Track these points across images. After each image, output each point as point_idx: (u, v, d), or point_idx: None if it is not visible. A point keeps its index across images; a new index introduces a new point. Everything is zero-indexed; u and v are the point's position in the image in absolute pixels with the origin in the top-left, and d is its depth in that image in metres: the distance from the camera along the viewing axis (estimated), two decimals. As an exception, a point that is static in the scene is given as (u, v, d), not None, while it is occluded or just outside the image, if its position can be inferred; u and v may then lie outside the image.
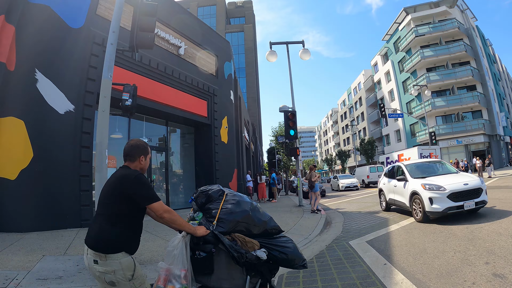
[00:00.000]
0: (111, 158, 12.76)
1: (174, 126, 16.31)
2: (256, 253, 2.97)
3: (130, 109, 6.62)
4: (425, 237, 7.18)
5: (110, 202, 2.73)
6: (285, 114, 14.76)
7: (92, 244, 2.61)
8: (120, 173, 2.85)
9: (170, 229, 8.05)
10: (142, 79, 12.76)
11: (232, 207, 3.17)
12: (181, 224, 2.92)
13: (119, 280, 2.59)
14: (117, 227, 2.66)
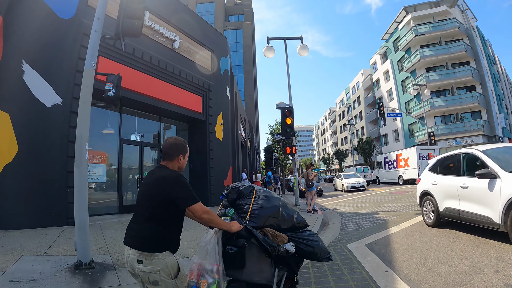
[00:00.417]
0: (101, 154, 12.37)
1: (168, 122, 15.85)
2: (285, 247, 3.06)
3: (113, 101, 6.17)
4: (428, 241, 6.75)
5: (151, 204, 2.72)
6: (282, 111, 14.35)
7: (136, 245, 2.63)
8: (159, 174, 2.81)
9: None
10: (134, 72, 12.35)
11: (263, 203, 3.27)
12: (218, 223, 2.93)
13: (163, 279, 2.61)
14: (161, 227, 2.69)
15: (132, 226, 2.82)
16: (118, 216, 11.75)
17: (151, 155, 14.74)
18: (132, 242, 2.68)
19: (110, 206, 12.50)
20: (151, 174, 2.93)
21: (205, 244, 2.97)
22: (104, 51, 11.04)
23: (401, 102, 49.71)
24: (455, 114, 41.38)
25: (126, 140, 13.33)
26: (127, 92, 11.98)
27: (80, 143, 5.80)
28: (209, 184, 15.53)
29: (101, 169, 12.33)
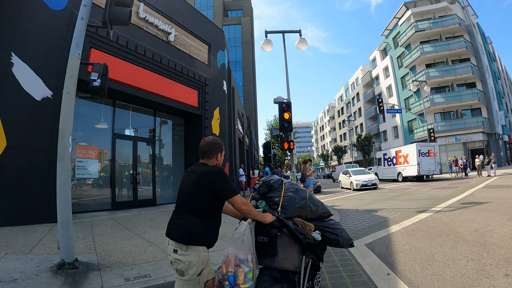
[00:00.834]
0: (94, 149, 12.05)
1: (163, 117, 15.47)
2: (313, 235, 3.29)
3: (99, 91, 5.81)
4: (431, 241, 6.42)
5: (194, 198, 2.87)
6: (280, 105, 13.95)
7: (177, 237, 2.77)
8: (201, 170, 2.98)
9: (151, 227, 7.90)
10: (127, 65, 12.01)
11: (292, 195, 3.47)
12: (254, 214, 3.10)
13: (190, 272, 2.74)
14: (202, 221, 2.85)
15: (173, 220, 2.97)
16: (111, 212, 11.44)
17: (146, 150, 14.36)
18: (172, 234, 2.84)
19: (102, 203, 12.18)
20: (192, 171, 3.09)
21: (239, 235, 3.13)
22: (96, 43, 10.79)
23: (401, 99, 49.39)
24: (455, 111, 41.13)
25: (120, 135, 12.99)
26: (120, 86, 11.70)
27: (63, 136, 5.48)
28: (205, 180, 15.20)
29: (94, 164, 12.01)
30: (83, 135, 12.09)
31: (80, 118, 11.69)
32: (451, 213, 9.47)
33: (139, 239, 7.19)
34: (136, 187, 13.21)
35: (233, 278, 3.00)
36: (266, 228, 3.25)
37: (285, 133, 15.28)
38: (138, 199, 13.25)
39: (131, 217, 10.53)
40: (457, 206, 10.77)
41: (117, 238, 7.18)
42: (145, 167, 14.29)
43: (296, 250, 3.31)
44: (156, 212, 11.65)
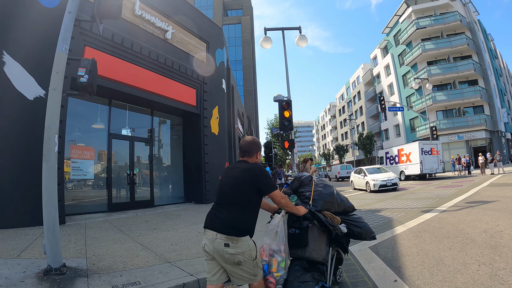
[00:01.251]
0: (89, 150, 11.75)
1: (161, 116, 15.15)
2: (340, 227, 3.62)
3: (87, 88, 5.49)
4: (439, 243, 6.10)
5: (238, 192, 3.03)
6: (280, 103, 13.64)
7: (223, 230, 2.91)
8: (245, 167, 3.17)
9: (146, 229, 7.79)
10: (123, 64, 11.74)
11: (322, 190, 3.86)
12: (291, 207, 3.40)
13: (246, 260, 2.92)
14: (246, 214, 3.03)
15: (216, 213, 3.10)
16: (107, 214, 11.15)
17: (144, 151, 14.02)
18: (218, 227, 2.96)
19: (98, 204, 11.88)
20: (234, 168, 3.28)
21: (273, 227, 3.50)
22: (90, 41, 10.52)
23: (402, 97, 49.04)
24: (457, 109, 40.77)
25: (116, 135, 12.70)
26: (116, 84, 11.45)
27: (49, 135, 5.18)
28: (204, 181, 14.85)
29: (89, 165, 11.72)
30: (78, 135, 11.80)
31: (75, 118, 11.44)
32: (457, 213, 9.16)
33: (132, 242, 6.89)
34: (133, 188, 12.92)
35: (267, 267, 3.39)
36: (298, 221, 3.60)
37: (285, 131, 14.95)
38: (135, 201, 12.95)
39: (127, 219, 10.24)
40: (462, 205, 10.45)
41: (110, 242, 6.90)
42: (142, 168, 13.99)
43: (324, 242, 3.65)
44: (153, 214, 11.35)
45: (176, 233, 7.83)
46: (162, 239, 7.24)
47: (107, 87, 11.19)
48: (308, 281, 3.43)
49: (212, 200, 12.99)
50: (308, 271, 3.54)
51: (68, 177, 10.93)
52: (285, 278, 3.40)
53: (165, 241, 7.04)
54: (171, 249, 6.31)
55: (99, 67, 10.72)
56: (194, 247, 6.46)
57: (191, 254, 5.97)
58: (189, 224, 9.13)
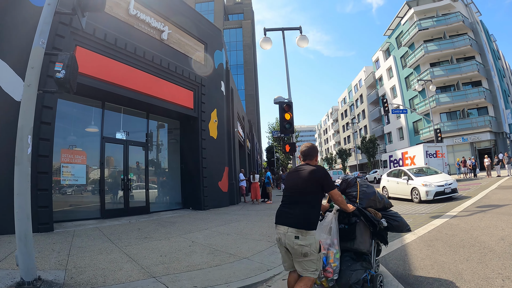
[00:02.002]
0: (81, 154, 11.25)
1: (157, 119, 14.65)
2: (381, 221, 4.15)
3: (64, 84, 4.99)
4: (454, 254, 5.52)
5: (306, 191, 3.49)
6: (280, 105, 13.12)
7: (295, 224, 3.35)
8: (310, 168, 3.60)
9: (136, 238, 7.54)
10: (116, 64, 11.31)
11: (366, 189, 4.37)
12: (344, 204, 3.90)
13: (312, 251, 3.33)
14: (313, 209, 3.49)
15: (287, 210, 3.52)
16: (99, 221, 10.63)
17: (139, 155, 13.47)
18: (290, 222, 3.39)
19: (90, 211, 11.40)
20: (299, 170, 3.67)
21: (327, 223, 4.04)
22: (82, 41, 10.11)
23: (405, 99, 48.49)
24: (461, 111, 40.17)
25: (109, 139, 12.20)
26: (109, 86, 11.01)
27: (21, 136, 4.69)
28: (202, 186, 14.31)
29: (81, 170, 11.21)
30: (70, 138, 11.31)
31: (66, 121, 11.05)
32: (469, 218, 8.59)
33: (119, 253, 6.36)
34: (127, 194, 12.40)
35: (325, 259, 3.87)
36: (347, 217, 4.08)
37: (286, 134, 14.47)
38: (130, 207, 12.45)
39: (119, 226, 9.73)
40: (473, 210, 9.87)
41: (95, 252, 6.38)
42: (137, 173, 13.47)
43: (368, 235, 4.14)
44: (147, 221, 10.82)
45: (167, 243, 7.30)
46: (151, 249, 6.71)
47: (99, 89, 10.77)
48: (359, 269, 3.94)
49: (211, 206, 12.45)
50: (357, 261, 4.03)
51: (59, 182, 10.46)
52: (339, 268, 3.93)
53: (154, 251, 6.51)
54: (159, 261, 5.77)
55: (91, 68, 10.37)
56: (185, 259, 5.93)
57: (180, 267, 5.43)
58: (183, 233, 8.58)
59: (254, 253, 6.39)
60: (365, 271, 3.96)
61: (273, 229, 8.04)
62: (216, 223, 10.38)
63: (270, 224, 9.80)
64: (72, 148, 11.15)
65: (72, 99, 11.04)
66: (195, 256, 6.18)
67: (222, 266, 5.53)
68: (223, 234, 8.41)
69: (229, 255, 6.23)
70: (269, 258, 6.07)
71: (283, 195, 3.75)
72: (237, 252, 6.47)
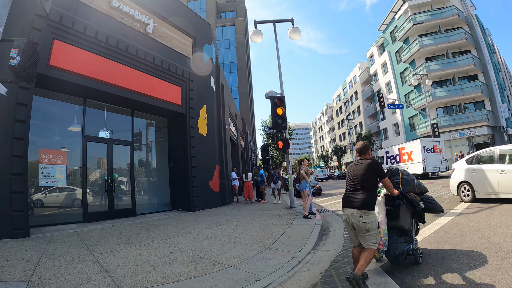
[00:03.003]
0: (61, 154, 10.57)
1: (143, 117, 13.92)
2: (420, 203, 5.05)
3: (18, 71, 4.35)
4: (468, 259, 4.88)
5: (367, 179, 4.37)
6: (272, 100, 12.51)
7: (359, 206, 4.24)
8: (367, 162, 4.50)
9: (115, 244, 6.95)
10: (97, 59, 10.61)
11: (406, 177, 5.25)
12: (392, 189, 4.78)
13: (373, 227, 4.21)
14: (372, 194, 4.38)
15: (352, 196, 4.42)
16: (81, 225, 9.96)
17: (124, 154, 12.72)
18: (354, 205, 4.30)
19: (72, 214, 10.73)
20: (359, 164, 4.60)
21: (377, 206, 4.74)
22: (60, 34, 9.44)
23: (401, 95, 48.04)
24: (457, 105, 39.72)
25: (92, 137, 11.48)
26: (90, 81, 10.32)
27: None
28: (191, 186, 13.60)
29: (61, 171, 10.49)
30: (48, 137, 10.60)
31: (44, 119, 10.40)
32: (476, 216, 7.98)
33: (91, 261, 5.69)
34: (111, 195, 11.72)
35: None
36: (392, 200, 4.96)
37: (278, 130, 13.80)
38: (115, 210, 11.76)
39: (100, 230, 9.05)
40: (479, 207, 9.27)
41: (66, 260, 5.73)
42: (123, 173, 12.76)
43: (409, 215, 4.99)
44: (132, 224, 10.14)
45: (148, 249, 6.62)
46: (128, 257, 6.04)
47: (80, 85, 10.12)
48: (403, 242, 4.77)
49: (201, 207, 11.79)
50: (401, 236, 4.88)
51: (37, 183, 9.81)
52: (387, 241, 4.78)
53: (131, 259, 5.84)
54: (134, 271, 5.10)
55: (70, 63, 9.66)
56: (163, 269, 5.25)
57: (155, 279, 4.76)
58: (167, 237, 7.90)
59: (242, 260, 5.73)
60: (408, 244, 4.82)
61: (264, 232, 7.41)
62: (204, 225, 9.69)
63: (262, 226, 9.14)
64: (52, 148, 10.45)
65: (51, 96, 10.40)
66: (175, 264, 5.51)
67: (203, 277, 4.87)
68: (210, 238, 7.73)
69: (214, 263, 5.57)
70: (258, 266, 5.42)
71: (347, 184, 4.65)
72: (223, 259, 5.80)
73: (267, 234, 7.94)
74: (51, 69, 9.24)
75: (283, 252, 6.28)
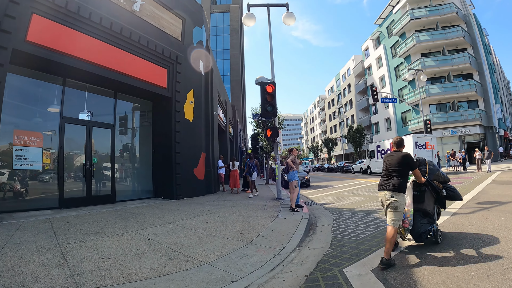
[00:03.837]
0: (36, 135, 9.95)
1: (127, 99, 13.24)
2: (442, 191, 5.78)
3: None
4: (469, 265, 4.41)
5: (400, 168, 5.05)
6: (262, 86, 11.92)
7: (392, 189, 4.98)
8: (401, 154, 5.20)
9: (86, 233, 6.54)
10: (79, 36, 10.01)
11: (432, 168, 5.89)
12: (420, 177, 5.51)
13: (400, 206, 4.93)
14: (403, 179, 5.05)
15: (386, 181, 5.16)
16: (55, 211, 9.42)
17: (105, 138, 12.09)
18: (388, 188, 5.05)
19: (48, 200, 10.13)
20: (393, 155, 5.30)
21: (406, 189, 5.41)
22: (40, 8, 8.85)
23: (394, 89, 47.62)
24: (451, 103, 39.43)
25: (70, 119, 10.84)
26: (70, 60, 9.72)
27: None
28: (174, 173, 13.03)
29: (37, 153, 9.90)
30: (23, 118, 9.94)
31: (19, 98, 9.74)
32: (473, 217, 7.54)
33: (55, 253, 5.16)
34: (90, 181, 11.14)
35: (404, 215, 5.45)
36: (418, 186, 5.71)
37: (268, 118, 13.24)
38: (93, 196, 11.22)
39: (74, 218, 8.49)
40: (475, 207, 8.83)
41: (30, 250, 5.22)
42: (103, 158, 12.14)
43: (433, 200, 5.77)
44: (109, 212, 9.58)
45: (119, 240, 6.07)
46: (96, 248, 5.50)
47: (60, 63, 9.52)
48: (426, 223, 5.51)
49: (184, 196, 11.21)
50: (424, 217, 5.57)
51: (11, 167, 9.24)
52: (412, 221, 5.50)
53: (99, 252, 5.30)
54: (98, 266, 4.57)
55: (50, 39, 9.05)
56: (130, 264, 4.72)
57: (119, 277, 4.23)
58: (143, 227, 7.36)
59: (219, 257, 5.21)
60: (430, 225, 5.54)
61: (247, 224, 6.98)
62: (184, 215, 9.15)
63: (245, 218, 8.64)
64: (28, 129, 9.80)
65: (28, 74, 9.76)
66: (145, 259, 4.99)
67: (173, 276, 4.34)
68: (188, 229, 7.20)
69: (188, 259, 5.05)
70: (236, 264, 4.90)
71: (382, 171, 5.37)
72: (199, 255, 5.28)
73: (249, 227, 7.44)
74: (28, 45, 8.64)
75: (265, 248, 5.78)
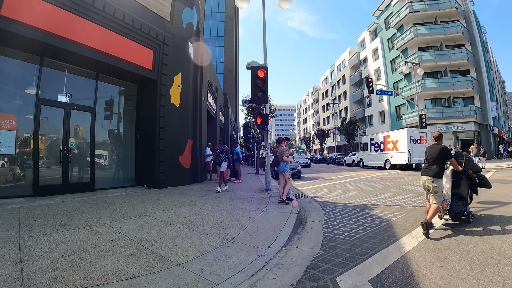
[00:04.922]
0: (9, 118, 9.22)
1: (109, 81, 12.40)
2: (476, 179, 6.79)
3: None
4: (480, 277, 3.81)
5: (439, 158, 6.17)
6: (253, 70, 11.23)
7: (432, 175, 6.15)
8: (440, 146, 6.30)
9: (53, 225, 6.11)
10: (57, 11, 9.23)
11: (468, 159, 6.85)
12: (457, 166, 6.48)
13: (439, 190, 6.13)
14: (441, 167, 6.19)
15: (428, 168, 6.33)
16: (28, 200, 8.77)
17: (85, 122, 11.32)
18: (429, 174, 6.23)
19: (21, 186, 9.50)
20: (434, 147, 6.41)
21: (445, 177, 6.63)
22: None
23: (390, 82, 47.16)
24: (446, 98, 39.04)
25: (46, 101, 10.09)
26: (48, 37, 9.01)
27: None
28: (158, 160, 12.35)
29: (9, 137, 9.17)
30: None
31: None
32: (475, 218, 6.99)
33: (12, 248, 4.58)
34: (67, 167, 10.45)
35: (444, 197, 6.45)
36: (456, 174, 6.65)
37: (258, 104, 12.58)
38: (70, 183, 10.52)
39: (46, 207, 7.85)
40: (477, 207, 8.23)
41: None
42: (82, 143, 11.41)
43: (467, 186, 6.75)
44: (84, 201, 8.93)
45: (86, 234, 5.44)
46: (58, 243, 4.88)
47: (36, 40, 8.77)
48: (460, 205, 6.52)
49: (168, 185, 10.46)
50: (459, 200, 6.60)
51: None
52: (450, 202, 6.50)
53: (60, 247, 4.68)
54: (53, 266, 3.97)
55: (25, 14, 8.23)
56: (91, 264, 4.12)
57: (74, 280, 3.62)
58: (116, 219, 6.71)
59: (195, 257, 4.59)
60: (464, 206, 6.53)
61: (230, 218, 6.49)
62: (163, 206, 8.50)
63: (230, 211, 8.02)
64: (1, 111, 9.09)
65: (2, 52, 8.96)
66: (109, 258, 4.37)
67: (137, 280, 3.72)
68: (165, 223, 6.56)
69: (158, 259, 4.43)
70: (212, 266, 4.27)
71: (425, 160, 6.55)
72: (171, 254, 4.66)
73: (233, 222, 6.81)
74: (3, 20, 7.89)
75: (248, 247, 5.16)
